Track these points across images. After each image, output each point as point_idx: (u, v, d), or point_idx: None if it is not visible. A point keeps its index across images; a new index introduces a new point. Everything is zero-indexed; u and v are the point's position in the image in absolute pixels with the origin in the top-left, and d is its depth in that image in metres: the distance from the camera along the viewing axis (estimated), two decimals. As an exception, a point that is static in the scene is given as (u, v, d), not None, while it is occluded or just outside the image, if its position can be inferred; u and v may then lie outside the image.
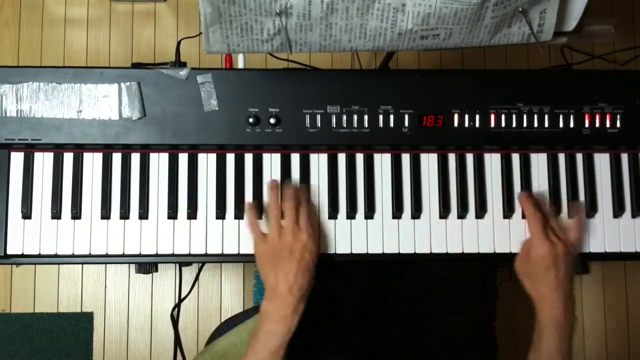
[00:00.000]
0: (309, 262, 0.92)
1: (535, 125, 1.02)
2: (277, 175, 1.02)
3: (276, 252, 0.92)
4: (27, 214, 0.98)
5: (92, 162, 1.01)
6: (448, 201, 1.02)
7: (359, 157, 1.03)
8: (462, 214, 1.02)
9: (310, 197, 1.01)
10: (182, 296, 1.36)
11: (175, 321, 1.31)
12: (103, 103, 0.98)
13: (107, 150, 1.01)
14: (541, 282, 0.94)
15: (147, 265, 1.78)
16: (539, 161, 1.05)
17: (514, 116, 1.02)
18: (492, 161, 1.04)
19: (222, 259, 1.01)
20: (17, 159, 0.99)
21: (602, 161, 1.05)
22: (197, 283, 1.76)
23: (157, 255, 1.00)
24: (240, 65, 1.48)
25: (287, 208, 0.95)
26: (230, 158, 1.02)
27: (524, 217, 1.02)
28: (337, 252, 1.01)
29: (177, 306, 1.32)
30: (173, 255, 1.00)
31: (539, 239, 0.95)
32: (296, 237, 0.92)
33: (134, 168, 1.01)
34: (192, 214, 1.00)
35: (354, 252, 1.01)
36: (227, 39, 0.89)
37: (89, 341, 1.80)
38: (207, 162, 1.02)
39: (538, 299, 0.95)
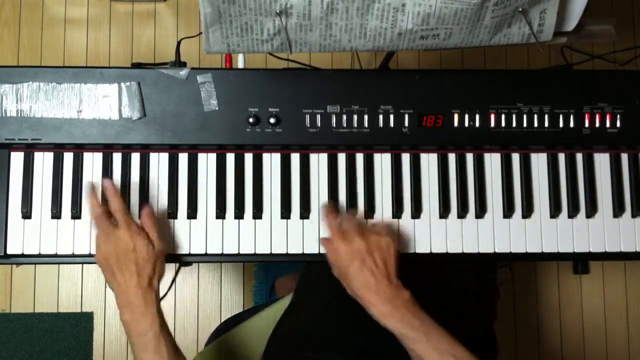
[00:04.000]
0: (146, 259, 0.90)
1: (535, 125, 1.02)
2: (277, 175, 1.02)
3: (109, 257, 0.91)
4: (27, 214, 0.98)
5: (92, 162, 1.01)
6: (448, 201, 1.02)
7: (359, 157, 1.03)
8: (462, 214, 1.02)
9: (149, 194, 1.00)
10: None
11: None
12: (103, 103, 0.98)
13: (107, 150, 1.01)
14: (352, 281, 0.92)
15: (147, 265, 1.78)
16: (539, 161, 1.05)
17: (514, 116, 1.02)
18: (492, 161, 1.04)
19: (222, 258, 1.01)
20: (17, 159, 0.99)
21: (602, 161, 1.05)
22: (198, 282, 1.76)
23: (157, 255, 1.00)
24: (240, 65, 1.47)
25: (114, 210, 0.93)
26: (230, 158, 1.02)
27: (524, 217, 1.03)
28: (337, 252, 1.00)
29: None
30: (173, 255, 1.00)
31: (335, 241, 0.94)
32: (130, 238, 0.90)
33: (133, 168, 1.01)
34: (192, 213, 1.00)
35: (354, 252, 1.01)
36: (227, 39, 0.89)
37: (89, 341, 1.80)
38: (207, 162, 1.02)
39: (361, 301, 0.92)
